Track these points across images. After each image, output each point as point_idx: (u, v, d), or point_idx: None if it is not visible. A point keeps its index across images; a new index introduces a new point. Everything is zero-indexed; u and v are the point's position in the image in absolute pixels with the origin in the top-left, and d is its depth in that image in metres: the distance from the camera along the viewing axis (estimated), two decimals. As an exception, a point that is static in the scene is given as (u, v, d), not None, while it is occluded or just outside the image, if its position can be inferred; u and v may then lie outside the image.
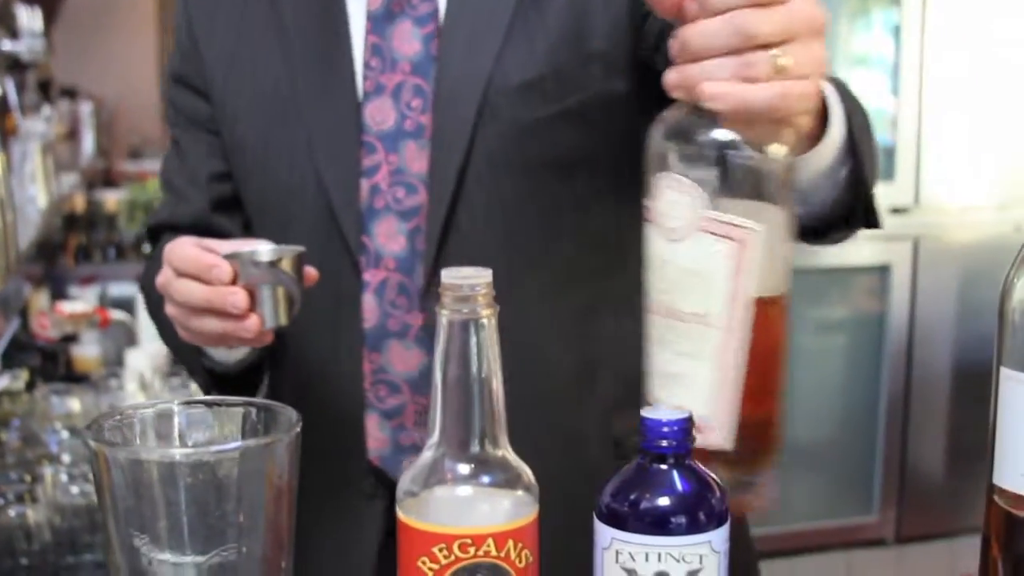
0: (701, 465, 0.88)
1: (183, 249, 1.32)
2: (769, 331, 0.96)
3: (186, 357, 1.55)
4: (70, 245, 4.64)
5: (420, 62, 1.42)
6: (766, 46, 0.95)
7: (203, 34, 1.56)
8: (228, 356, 1.47)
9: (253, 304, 1.29)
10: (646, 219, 1.00)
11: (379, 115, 1.43)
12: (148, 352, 3.31)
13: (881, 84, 4.21)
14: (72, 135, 5.70)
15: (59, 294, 4.11)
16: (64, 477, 2.40)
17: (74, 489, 2.37)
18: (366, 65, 1.44)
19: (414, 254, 1.42)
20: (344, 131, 1.45)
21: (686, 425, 0.86)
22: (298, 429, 0.83)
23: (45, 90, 5.70)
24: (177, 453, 0.81)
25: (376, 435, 1.45)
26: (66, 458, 2.52)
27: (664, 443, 0.85)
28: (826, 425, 4.28)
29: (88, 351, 3.54)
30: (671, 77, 0.98)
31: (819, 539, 4.21)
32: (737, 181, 0.95)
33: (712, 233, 0.94)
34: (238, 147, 1.54)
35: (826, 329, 4.34)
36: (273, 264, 1.30)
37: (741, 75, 0.95)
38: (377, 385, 1.44)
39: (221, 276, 1.28)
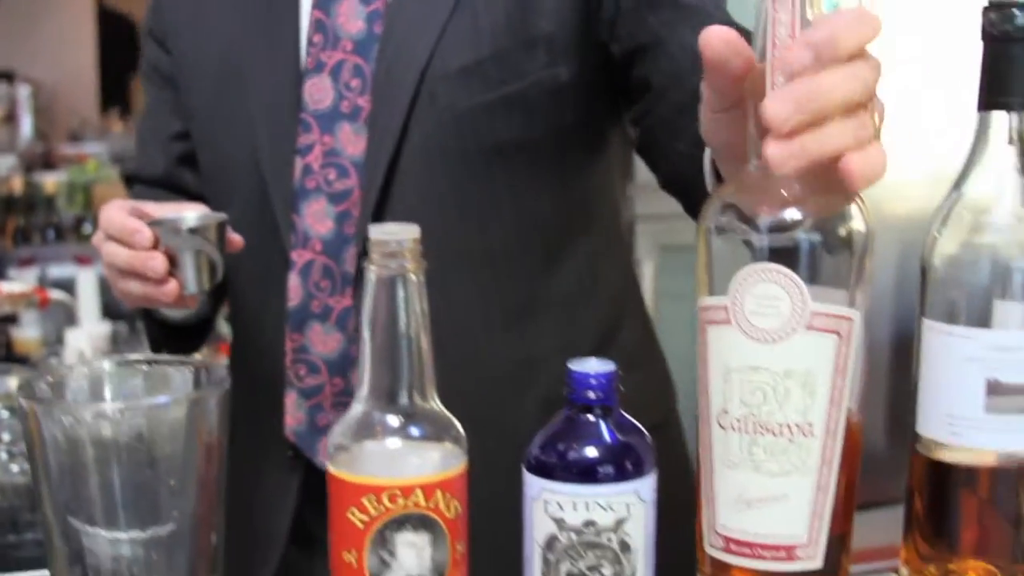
0: (632, 421, 0.89)
1: (112, 212, 1.36)
2: (854, 438, 0.88)
3: (143, 313, 1.60)
4: (8, 227, 4.62)
5: (362, 41, 1.40)
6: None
7: None
8: (172, 314, 1.54)
9: (174, 269, 1.32)
10: (713, 321, 0.88)
11: (317, 93, 1.41)
12: (88, 332, 3.30)
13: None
14: (10, 118, 5.67)
15: (-2, 276, 4.09)
16: (4, 456, 2.39)
17: (14, 467, 2.36)
18: (309, 41, 1.42)
19: (341, 237, 1.41)
20: (283, 107, 1.43)
21: (612, 377, 0.87)
22: (227, 386, 0.83)
23: None
24: (108, 408, 0.81)
25: (294, 412, 1.46)
26: (6, 436, 2.51)
27: (591, 395, 0.86)
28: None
29: (28, 332, 3.52)
30: (777, 152, 0.79)
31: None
32: (823, 262, 0.85)
33: (817, 329, 0.85)
34: (190, 114, 1.56)
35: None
36: (194, 231, 1.33)
37: (860, 139, 0.80)
38: (297, 364, 1.44)
39: (142, 241, 1.31)
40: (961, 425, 0.91)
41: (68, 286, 3.74)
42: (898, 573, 1.00)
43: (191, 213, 1.37)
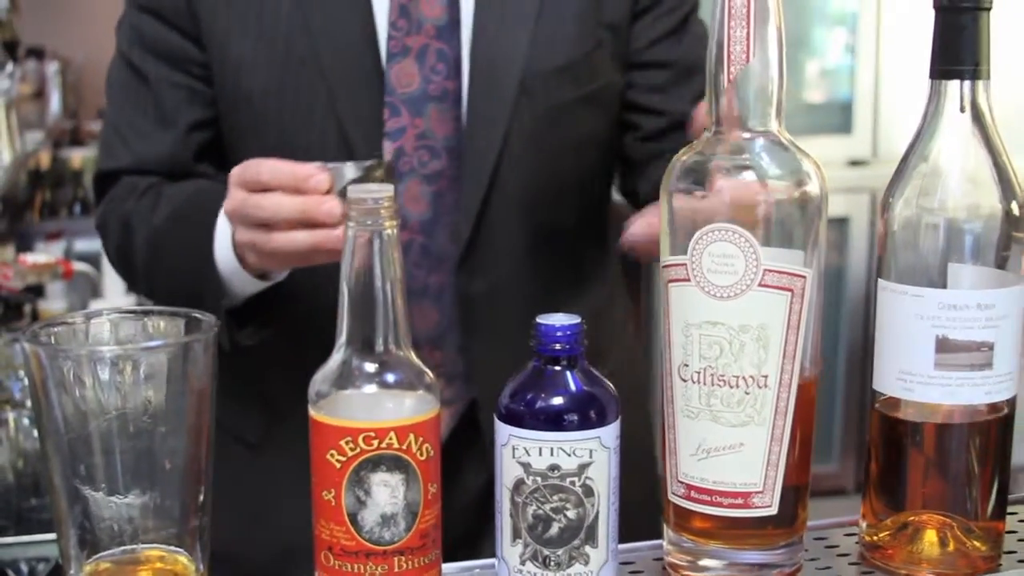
0: (597, 373, 0.94)
1: (271, 164, 1.28)
2: (808, 392, 0.94)
3: (190, 297, 1.39)
4: (36, 201, 4.68)
5: (444, 26, 1.43)
6: None
7: None
8: (254, 286, 1.40)
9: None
10: (673, 279, 0.94)
11: (405, 78, 1.43)
12: (112, 303, 3.37)
13: (840, 38, 4.25)
14: (39, 95, 5.72)
15: (25, 248, 4.15)
16: (26, 422, 2.46)
17: (36, 433, 2.42)
18: (392, 25, 1.43)
19: (436, 217, 1.45)
20: (368, 91, 1.44)
21: (578, 329, 0.92)
22: (215, 331, 0.89)
23: (11, 50, 5.70)
24: (105, 351, 0.87)
25: None
26: (29, 403, 2.58)
27: (557, 347, 0.92)
28: (782, 375, 4.34)
29: (53, 304, 3.59)
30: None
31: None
32: (777, 224, 0.92)
33: (769, 286, 0.90)
34: (243, 98, 1.48)
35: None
36: (368, 172, 1.26)
37: None
38: None
39: (319, 185, 1.24)
40: (912, 381, 0.96)
41: (94, 259, 3.80)
42: (859, 527, 1.05)
43: (351, 162, 1.28)
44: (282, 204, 1.25)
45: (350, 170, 1.25)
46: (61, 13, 7.97)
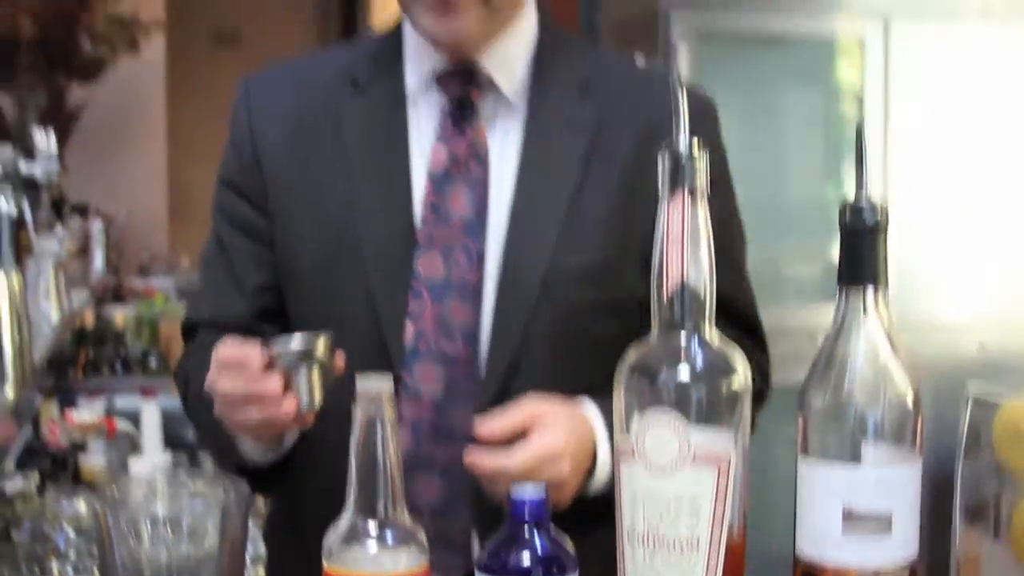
0: (558, 537, 1.14)
1: (223, 346, 1.42)
2: (736, 552, 1.11)
3: (222, 455, 1.65)
4: (80, 359, 4.85)
5: (470, 223, 1.60)
6: None
7: (268, 155, 1.67)
8: (263, 456, 1.58)
9: (289, 389, 1.38)
10: (623, 455, 1.12)
11: (431, 267, 1.59)
12: (150, 461, 3.52)
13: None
14: (83, 252, 5.87)
15: (68, 404, 4.33)
16: (70, 571, 2.64)
17: (80, 583, 2.61)
18: (423, 220, 1.60)
19: (449, 397, 1.57)
20: (396, 274, 1.59)
21: (544, 499, 1.13)
22: (247, 496, 1.11)
23: (58, 208, 5.90)
24: (159, 510, 1.08)
25: None
26: (72, 555, 2.76)
27: (527, 515, 1.13)
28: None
29: (94, 460, 3.73)
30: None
31: None
32: (707, 411, 1.10)
33: (700, 462, 1.08)
34: (294, 273, 1.66)
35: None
36: (306, 349, 1.39)
37: None
38: None
39: (256, 363, 1.37)
40: (826, 546, 1.14)
41: (134, 417, 3.96)
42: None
43: (296, 335, 1.41)
44: (233, 385, 1.40)
45: (295, 345, 1.39)
46: (104, 171, 8.24)
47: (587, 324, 1.61)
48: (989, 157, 4.33)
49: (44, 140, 4.41)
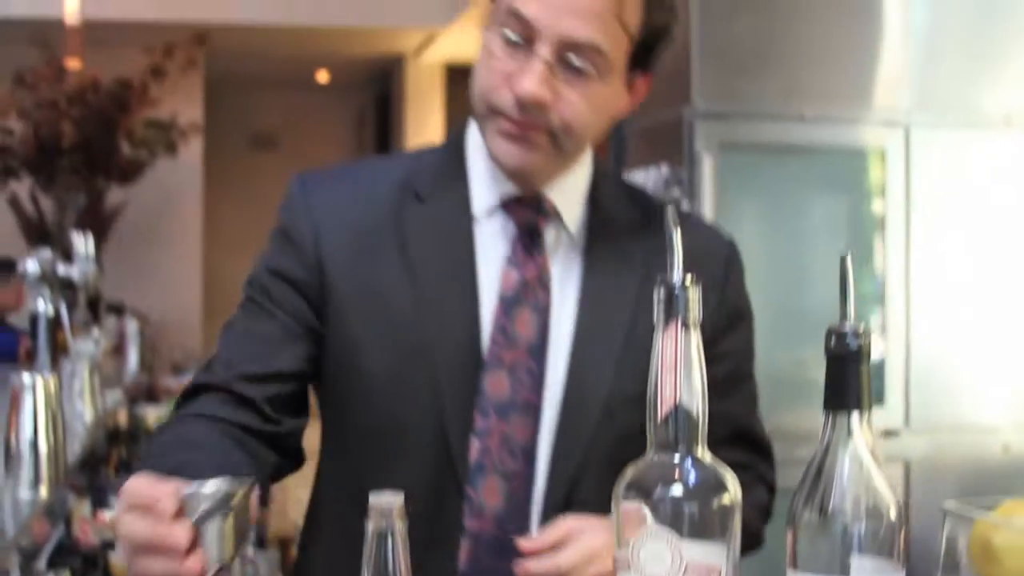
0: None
1: (135, 481, 1.30)
2: None
3: None
4: (112, 458, 4.91)
5: (534, 346, 1.69)
6: None
7: (331, 257, 1.71)
8: None
9: (199, 541, 1.24)
10: (620, 568, 1.19)
11: (497, 386, 1.67)
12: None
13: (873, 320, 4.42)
14: (118, 351, 5.96)
15: (100, 503, 4.38)
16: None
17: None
18: (493, 341, 1.68)
19: (509, 512, 1.65)
20: (464, 392, 1.67)
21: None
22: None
23: (94, 308, 5.99)
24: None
25: None
26: (100, 651, 2.83)
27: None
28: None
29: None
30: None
31: None
32: (699, 525, 1.17)
33: (691, 572, 1.15)
34: (355, 374, 1.70)
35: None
36: (223, 496, 1.27)
37: None
38: None
39: (165, 509, 1.24)
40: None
41: (164, 514, 4.00)
42: None
43: (215, 479, 1.29)
44: (135, 529, 1.25)
45: (211, 490, 1.27)
46: (141, 270, 8.36)
47: (641, 444, 1.67)
48: (1012, 260, 4.37)
49: (82, 242, 4.48)
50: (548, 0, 1.59)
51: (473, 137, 1.78)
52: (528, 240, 1.73)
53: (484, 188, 1.75)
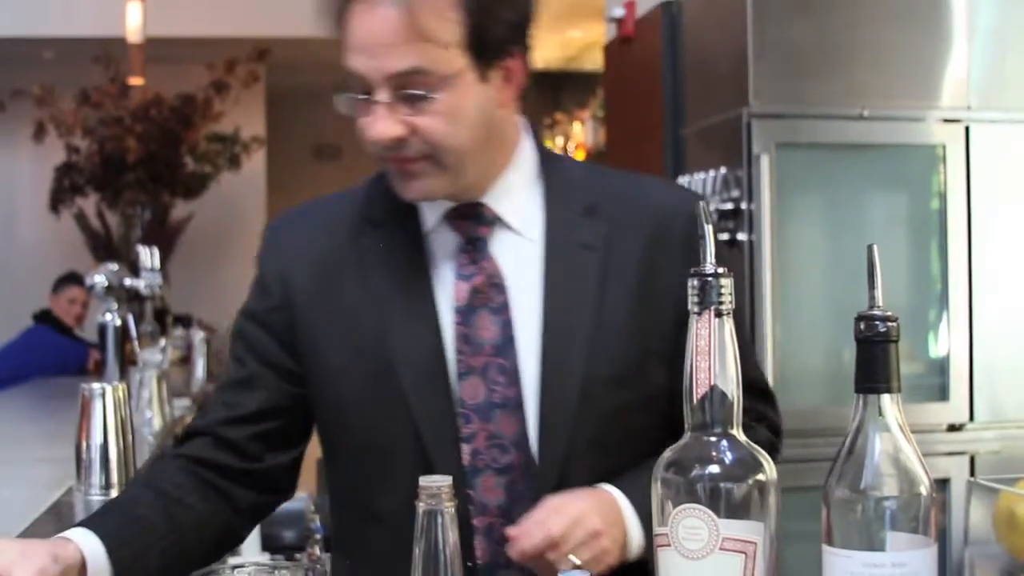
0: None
1: (7, 550, 1.45)
2: None
3: None
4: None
5: (500, 344, 1.75)
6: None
7: (300, 292, 1.80)
8: None
9: None
10: (660, 544, 1.24)
11: (473, 391, 1.73)
12: (247, 558, 3.64)
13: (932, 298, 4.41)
14: (185, 361, 6.06)
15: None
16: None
17: None
18: (458, 350, 1.74)
19: (511, 503, 1.71)
20: (440, 401, 1.73)
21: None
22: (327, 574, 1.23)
23: (161, 319, 6.08)
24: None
25: None
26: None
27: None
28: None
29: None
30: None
31: None
32: (735, 503, 1.22)
33: (727, 550, 1.21)
34: (336, 402, 1.78)
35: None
36: None
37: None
38: None
39: None
40: (851, 625, 1.25)
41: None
42: None
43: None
44: None
45: None
46: (206, 281, 8.46)
47: (623, 422, 1.76)
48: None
49: (148, 256, 4.54)
50: (362, 49, 1.68)
51: None
52: (472, 248, 1.79)
53: (428, 205, 1.81)
